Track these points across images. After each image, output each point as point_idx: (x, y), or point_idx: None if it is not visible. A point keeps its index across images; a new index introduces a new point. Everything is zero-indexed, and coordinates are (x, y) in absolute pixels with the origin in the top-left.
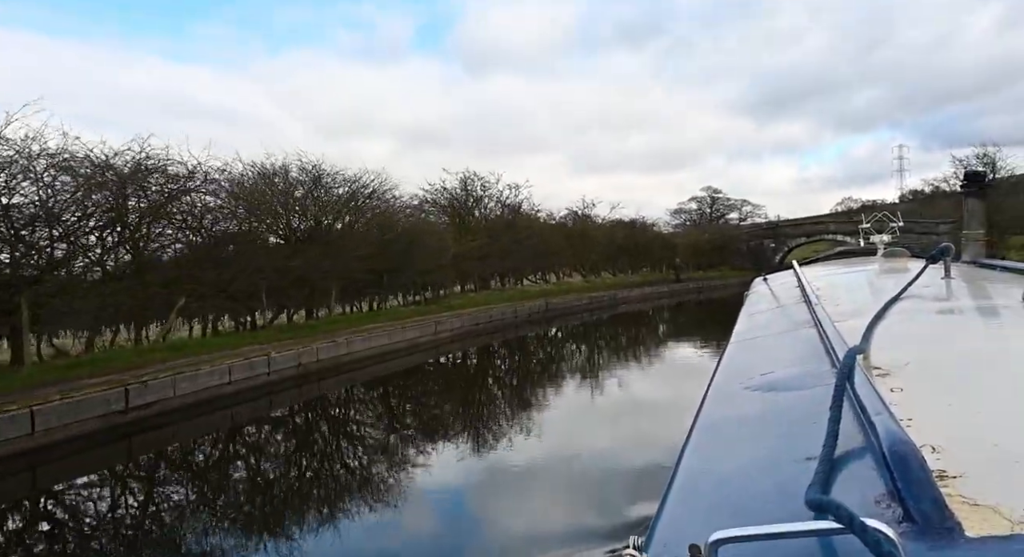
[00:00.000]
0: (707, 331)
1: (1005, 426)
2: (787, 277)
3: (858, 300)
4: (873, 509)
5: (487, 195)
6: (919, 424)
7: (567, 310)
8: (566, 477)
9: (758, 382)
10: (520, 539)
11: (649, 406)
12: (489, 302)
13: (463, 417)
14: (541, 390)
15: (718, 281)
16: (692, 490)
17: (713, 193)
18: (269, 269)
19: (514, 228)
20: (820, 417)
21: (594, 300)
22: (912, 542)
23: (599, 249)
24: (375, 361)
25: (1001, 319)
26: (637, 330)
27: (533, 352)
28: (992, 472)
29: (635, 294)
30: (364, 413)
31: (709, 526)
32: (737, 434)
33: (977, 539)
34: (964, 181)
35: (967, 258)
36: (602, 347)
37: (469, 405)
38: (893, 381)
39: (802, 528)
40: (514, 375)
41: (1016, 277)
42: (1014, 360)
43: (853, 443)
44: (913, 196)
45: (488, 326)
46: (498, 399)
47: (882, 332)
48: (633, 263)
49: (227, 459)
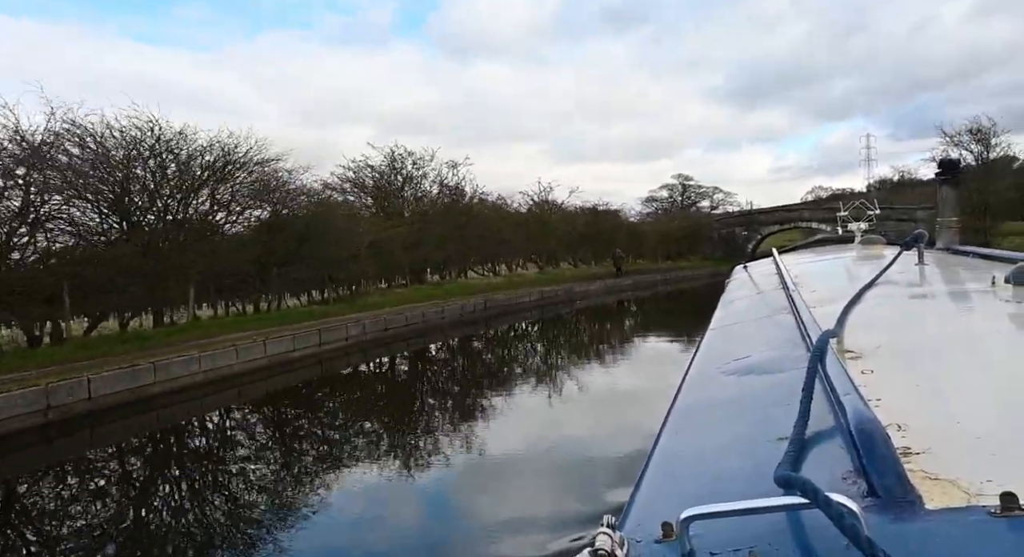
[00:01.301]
0: (679, 335)
1: (968, 405)
2: (766, 265)
3: (834, 286)
4: (840, 485)
5: (421, 174)
6: (887, 404)
7: (512, 308)
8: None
9: (735, 366)
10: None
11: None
12: (415, 299)
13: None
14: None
15: (688, 271)
16: (667, 470)
17: (684, 180)
18: (80, 260)
19: (455, 213)
20: (794, 399)
21: (546, 295)
22: (874, 515)
23: (558, 237)
24: (201, 391)
25: (971, 303)
26: (592, 333)
27: (433, 375)
28: (953, 448)
29: (596, 287)
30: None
31: (683, 505)
32: (713, 416)
33: (936, 511)
34: (938, 169)
35: (941, 245)
36: (534, 364)
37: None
38: (864, 363)
39: (770, 504)
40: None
41: (987, 263)
42: (980, 343)
43: (823, 423)
44: (880, 185)
45: (404, 331)
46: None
47: (856, 317)
48: (596, 253)
49: None
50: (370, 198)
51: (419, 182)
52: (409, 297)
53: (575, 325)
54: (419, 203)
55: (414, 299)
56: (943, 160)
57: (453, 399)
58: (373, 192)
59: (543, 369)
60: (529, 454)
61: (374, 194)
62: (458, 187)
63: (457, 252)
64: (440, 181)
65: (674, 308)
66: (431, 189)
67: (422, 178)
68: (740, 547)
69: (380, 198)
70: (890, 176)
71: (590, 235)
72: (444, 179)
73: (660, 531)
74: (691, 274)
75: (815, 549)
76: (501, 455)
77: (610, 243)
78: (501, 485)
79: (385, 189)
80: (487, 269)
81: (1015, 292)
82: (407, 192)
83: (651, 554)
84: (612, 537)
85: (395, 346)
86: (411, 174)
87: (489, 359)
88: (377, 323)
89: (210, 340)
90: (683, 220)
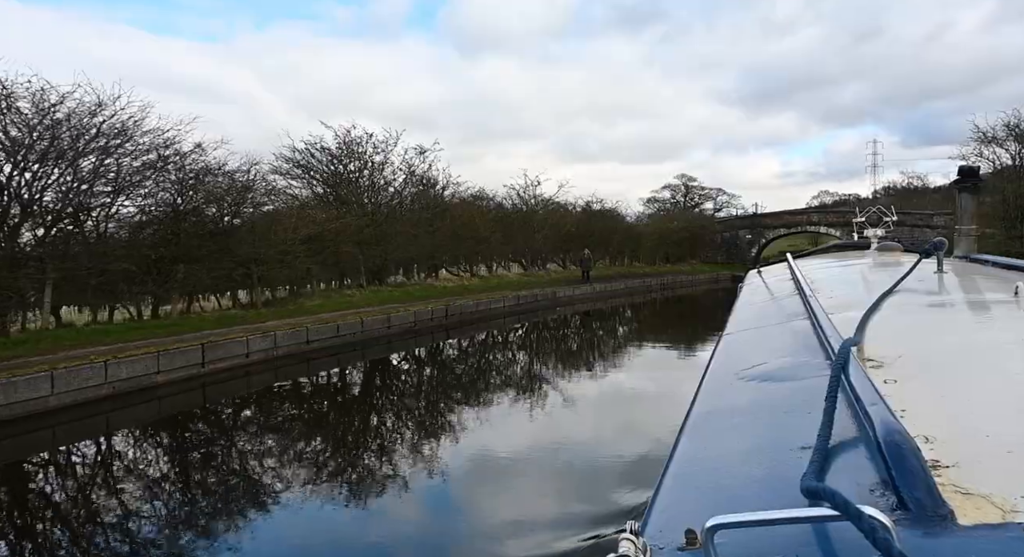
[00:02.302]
0: (683, 355)
1: (996, 417)
2: (781, 270)
3: (852, 293)
4: (868, 497)
5: (383, 160)
6: (912, 415)
7: (481, 315)
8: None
9: (752, 372)
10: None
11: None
12: (366, 304)
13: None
14: None
15: (686, 275)
16: (687, 476)
17: (688, 181)
18: None
19: (423, 206)
20: (814, 407)
21: (524, 300)
22: (906, 530)
23: (545, 235)
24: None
25: (992, 313)
26: (562, 354)
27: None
28: (984, 462)
29: (583, 292)
30: None
31: (704, 511)
32: (731, 422)
33: (970, 527)
34: (958, 176)
35: (959, 253)
36: (476, 404)
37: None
38: (887, 373)
39: (798, 514)
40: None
41: (1007, 272)
42: (1005, 353)
43: (848, 433)
44: (886, 191)
45: (335, 343)
46: None
47: (876, 325)
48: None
49: None
50: (322, 186)
51: (380, 169)
52: (359, 301)
53: (548, 341)
54: (379, 193)
55: (364, 304)
56: (963, 167)
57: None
58: (328, 178)
59: (483, 415)
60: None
61: (328, 181)
62: (425, 176)
63: (425, 250)
64: (409, 169)
65: (672, 317)
66: (394, 177)
67: (384, 164)
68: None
69: (334, 186)
70: (901, 182)
71: (581, 234)
72: (412, 167)
73: (684, 538)
74: (690, 279)
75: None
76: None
77: (604, 243)
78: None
79: (340, 175)
80: (463, 269)
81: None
82: (364, 179)
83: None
84: (635, 543)
85: (319, 363)
86: (371, 159)
87: (417, 386)
88: (295, 335)
89: (42, 358)
90: (684, 221)
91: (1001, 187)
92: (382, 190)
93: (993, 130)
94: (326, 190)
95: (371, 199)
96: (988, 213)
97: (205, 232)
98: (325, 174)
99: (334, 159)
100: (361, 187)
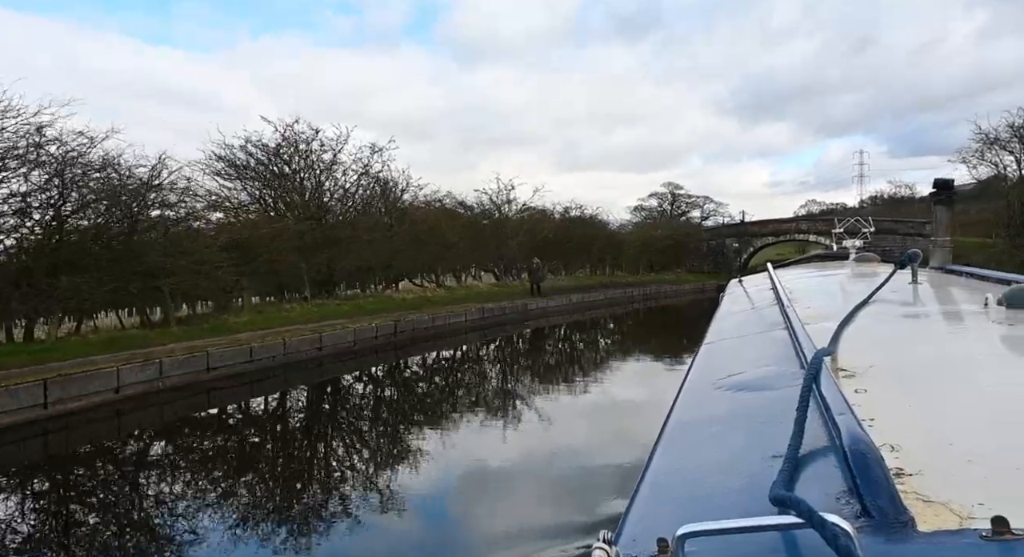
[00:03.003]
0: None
1: (960, 427)
2: (761, 279)
3: (829, 303)
4: (833, 505)
5: (332, 160)
6: (880, 424)
7: (438, 331)
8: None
9: (729, 382)
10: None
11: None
12: (302, 320)
13: None
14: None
15: (670, 285)
16: (662, 486)
17: (675, 189)
18: None
19: (380, 210)
20: (787, 417)
21: (491, 314)
22: (868, 536)
23: (520, 242)
24: None
25: (964, 324)
26: (521, 379)
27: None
28: (945, 470)
29: (558, 303)
30: None
31: (677, 521)
32: (707, 433)
33: (929, 533)
34: (933, 189)
35: (935, 264)
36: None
37: None
38: (858, 382)
39: (765, 522)
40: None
41: (981, 283)
42: (973, 364)
43: (817, 442)
44: (872, 201)
45: (245, 370)
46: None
47: (850, 335)
48: (567, 263)
49: None
50: (260, 187)
51: (329, 168)
52: (297, 317)
53: (510, 361)
54: (325, 194)
55: (303, 320)
56: (938, 180)
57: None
58: (267, 179)
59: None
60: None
61: (267, 181)
62: (380, 177)
63: (381, 257)
64: (364, 168)
65: (654, 329)
66: (344, 178)
67: (333, 163)
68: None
69: (273, 187)
70: (888, 192)
71: (559, 241)
72: (367, 166)
73: (656, 547)
74: (674, 289)
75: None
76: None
77: (585, 251)
78: None
79: (282, 175)
80: (428, 280)
81: (1008, 314)
82: (309, 180)
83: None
84: (608, 552)
85: (221, 394)
86: (318, 157)
87: (319, 432)
88: (190, 362)
89: None
90: (669, 229)
91: (1004, 192)
92: (331, 192)
93: (996, 131)
94: (263, 192)
95: (316, 201)
96: (991, 220)
97: (96, 238)
98: (264, 174)
99: (273, 157)
100: (305, 188)
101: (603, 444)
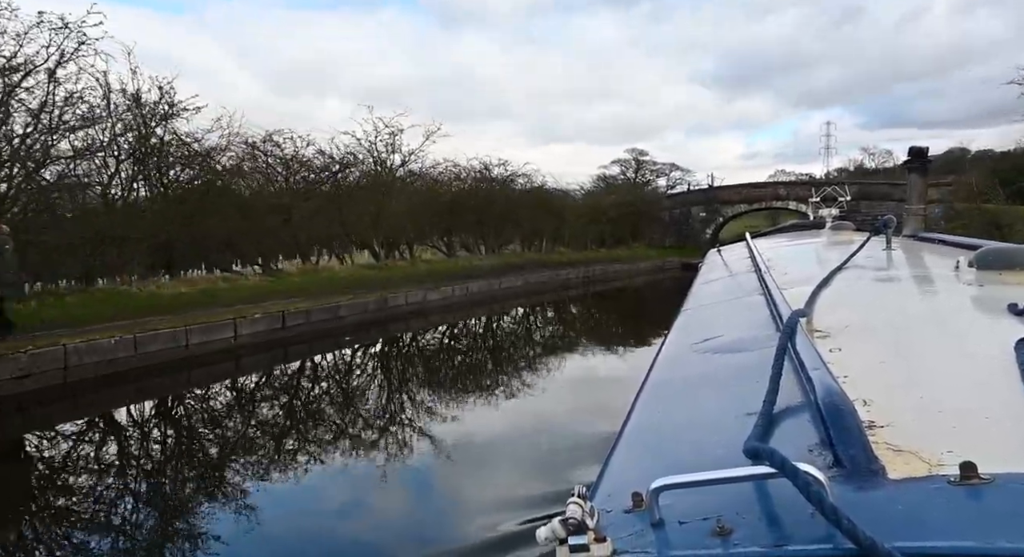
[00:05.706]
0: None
1: (930, 381)
2: (739, 248)
3: (805, 270)
4: (807, 456)
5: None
6: (853, 380)
7: (142, 363)
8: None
9: (707, 345)
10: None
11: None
12: None
13: None
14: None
15: (622, 264)
16: (638, 444)
17: (639, 155)
18: None
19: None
20: (764, 376)
21: (295, 322)
22: (840, 485)
23: (413, 208)
24: None
25: (934, 286)
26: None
27: None
28: (916, 422)
29: (442, 296)
30: None
31: (652, 476)
32: (684, 392)
33: (899, 480)
34: (908, 157)
35: (908, 231)
36: None
37: None
38: (832, 342)
39: (738, 474)
40: None
41: (951, 249)
42: (943, 322)
43: (792, 398)
44: (840, 172)
45: None
46: None
47: (825, 298)
48: (487, 236)
49: None
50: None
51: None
52: None
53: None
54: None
55: None
56: (912, 148)
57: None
58: None
59: None
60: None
61: None
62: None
63: (147, 230)
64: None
65: (573, 342)
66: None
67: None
68: (708, 516)
69: None
70: (860, 160)
71: (474, 208)
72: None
73: (631, 501)
74: (627, 268)
75: (782, 517)
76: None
77: (511, 223)
78: None
79: None
80: (253, 264)
81: (977, 275)
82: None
83: (621, 523)
84: (583, 507)
85: None
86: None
87: None
88: None
89: None
90: (622, 195)
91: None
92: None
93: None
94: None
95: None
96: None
97: None
98: None
99: None
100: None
101: None
